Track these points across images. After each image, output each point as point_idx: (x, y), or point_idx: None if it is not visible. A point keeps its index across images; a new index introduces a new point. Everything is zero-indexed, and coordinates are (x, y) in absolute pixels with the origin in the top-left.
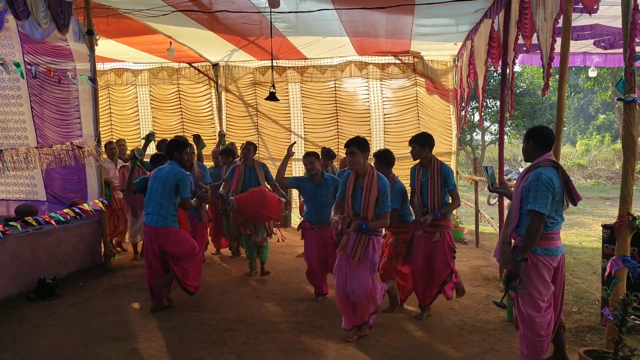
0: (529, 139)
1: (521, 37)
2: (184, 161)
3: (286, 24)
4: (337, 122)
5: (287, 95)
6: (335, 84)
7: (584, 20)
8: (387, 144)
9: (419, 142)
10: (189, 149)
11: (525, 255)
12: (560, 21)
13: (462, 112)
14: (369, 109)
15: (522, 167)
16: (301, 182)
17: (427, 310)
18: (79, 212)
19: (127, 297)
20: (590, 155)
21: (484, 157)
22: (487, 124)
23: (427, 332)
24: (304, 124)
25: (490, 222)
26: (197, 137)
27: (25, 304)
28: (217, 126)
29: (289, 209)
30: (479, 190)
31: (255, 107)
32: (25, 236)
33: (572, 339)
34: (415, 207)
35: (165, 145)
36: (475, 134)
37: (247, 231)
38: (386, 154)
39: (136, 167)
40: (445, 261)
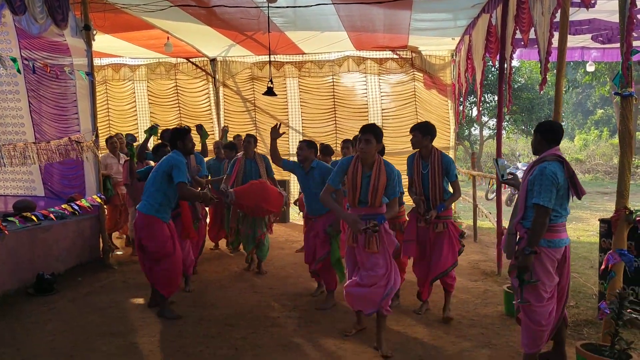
0: (536, 133)
1: (519, 31)
2: (188, 149)
3: (284, 19)
4: (335, 117)
5: (285, 90)
6: (333, 79)
7: (581, 14)
8: (386, 138)
9: (421, 130)
10: (190, 136)
11: (532, 248)
12: (557, 16)
13: (460, 107)
14: (367, 104)
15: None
16: (294, 167)
17: (426, 304)
18: (77, 208)
19: (126, 293)
20: (588, 150)
21: (482, 152)
22: (485, 119)
23: (425, 326)
24: (302, 119)
25: (488, 216)
26: (199, 126)
27: (24, 300)
28: (215, 121)
29: (287, 204)
30: (476, 185)
31: (253, 102)
32: (23, 232)
33: (569, 332)
34: (413, 196)
35: (168, 135)
36: (473, 128)
37: (249, 231)
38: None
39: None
40: (451, 250)
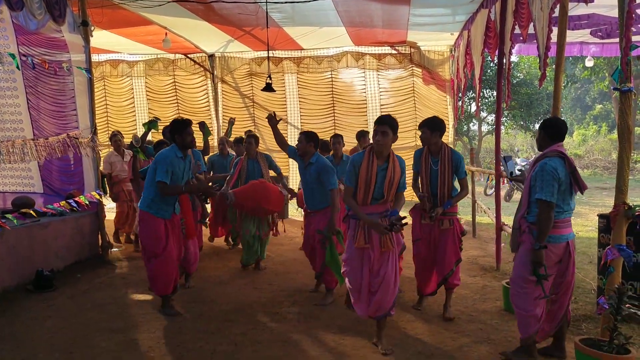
0: (540, 130)
1: (518, 26)
2: (187, 142)
3: (282, 14)
4: (334, 112)
5: (284, 86)
6: (331, 74)
7: (580, 9)
8: None
9: (430, 127)
10: (190, 128)
11: (541, 243)
12: (556, 11)
13: (459, 102)
14: (366, 100)
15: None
16: (296, 157)
17: (425, 298)
18: (75, 205)
19: (125, 289)
20: (587, 145)
21: (481, 148)
22: (484, 115)
23: (424, 322)
24: (301, 115)
25: (487, 212)
26: (202, 124)
27: (23, 296)
28: (214, 117)
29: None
30: (475, 180)
31: (251, 98)
32: (22, 229)
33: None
34: (418, 193)
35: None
36: (472, 124)
37: (257, 232)
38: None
39: (138, 155)
40: (455, 250)
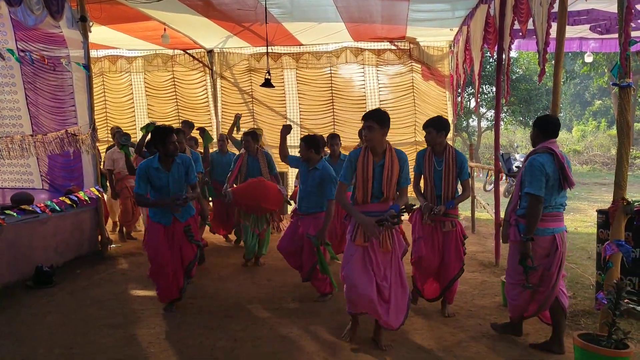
0: (534, 127)
1: (517, 22)
2: (170, 152)
3: (281, 10)
4: (333, 108)
5: (283, 81)
6: (330, 70)
7: (580, 5)
8: None
9: (435, 127)
10: (172, 136)
11: (529, 235)
12: (555, 6)
13: (458, 98)
14: (365, 96)
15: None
16: (299, 163)
17: (416, 301)
18: (75, 199)
19: (125, 285)
20: (586, 141)
21: (480, 144)
22: (483, 110)
23: (423, 317)
24: (300, 111)
25: (486, 208)
26: (202, 130)
27: (22, 292)
28: (213, 113)
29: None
30: (474, 176)
31: (250, 94)
32: (22, 224)
33: (566, 323)
34: (419, 195)
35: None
36: (471, 120)
37: (256, 230)
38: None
39: (125, 152)
40: (458, 254)
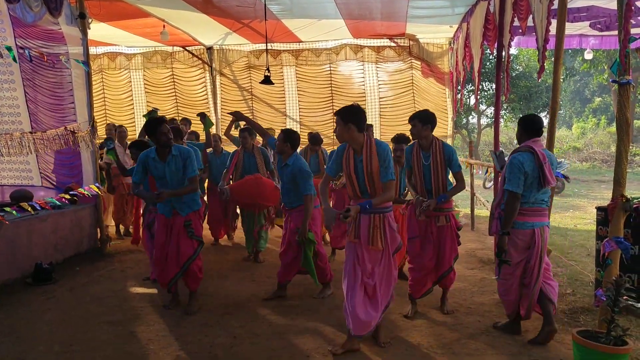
0: (518, 126)
1: (517, 19)
2: (162, 142)
3: (280, 7)
4: (333, 105)
5: (282, 78)
6: (330, 67)
7: (579, 1)
8: (383, 127)
9: (421, 119)
10: (164, 127)
11: (505, 230)
12: (555, 3)
13: (458, 95)
14: (365, 93)
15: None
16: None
17: (415, 305)
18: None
19: (124, 282)
20: (586, 138)
21: (480, 141)
22: (482, 107)
23: (422, 314)
24: (299, 108)
25: (485, 205)
26: (202, 115)
27: (22, 289)
28: (212, 110)
29: None
30: (474, 173)
31: (250, 91)
32: (21, 222)
33: (565, 320)
34: (413, 188)
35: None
36: (471, 117)
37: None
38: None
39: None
40: (453, 247)
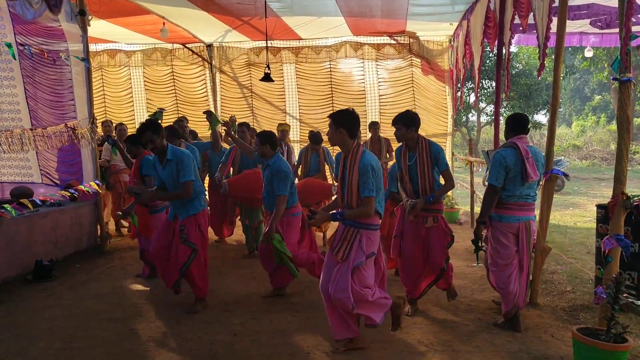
0: (506, 124)
1: (517, 16)
2: (148, 148)
3: (280, 4)
4: (333, 103)
5: (282, 76)
6: (330, 64)
7: None
8: (383, 125)
9: (404, 123)
10: (146, 135)
11: (482, 219)
12: (556, 0)
13: (458, 93)
14: (365, 90)
15: None
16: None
17: (414, 304)
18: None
19: (124, 279)
20: (585, 136)
21: (480, 139)
22: (482, 105)
23: (422, 312)
24: (299, 105)
25: None
26: (208, 112)
27: (22, 286)
28: (212, 108)
29: None
30: (474, 171)
31: (250, 88)
32: (21, 219)
33: (565, 317)
34: (402, 190)
35: (178, 124)
36: (471, 115)
37: (246, 221)
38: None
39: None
40: (442, 249)
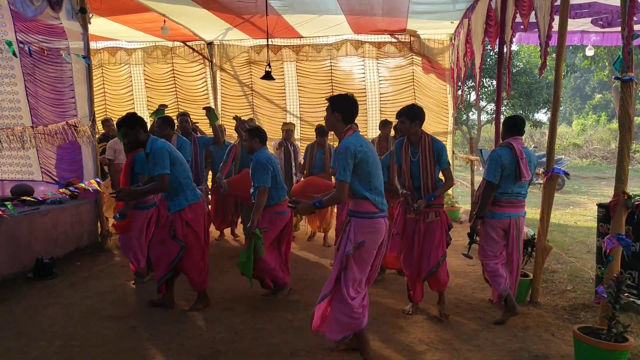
0: (503, 125)
1: (519, 15)
2: (139, 141)
3: (281, 2)
4: None
5: (283, 74)
6: (331, 63)
7: None
8: None
9: (409, 116)
10: (124, 130)
11: (479, 214)
12: None
13: (459, 91)
14: (365, 88)
15: None
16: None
17: (416, 305)
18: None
19: (124, 277)
20: (586, 134)
21: (480, 137)
22: (483, 104)
23: (422, 311)
24: (300, 104)
25: None
26: (207, 109)
27: (23, 284)
28: (212, 106)
29: None
30: (474, 170)
31: (250, 86)
32: (22, 216)
33: (566, 316)
34: (402, 190)
35: (180, 120)
36: (471, 113)
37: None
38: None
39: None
40: (442, 243)
